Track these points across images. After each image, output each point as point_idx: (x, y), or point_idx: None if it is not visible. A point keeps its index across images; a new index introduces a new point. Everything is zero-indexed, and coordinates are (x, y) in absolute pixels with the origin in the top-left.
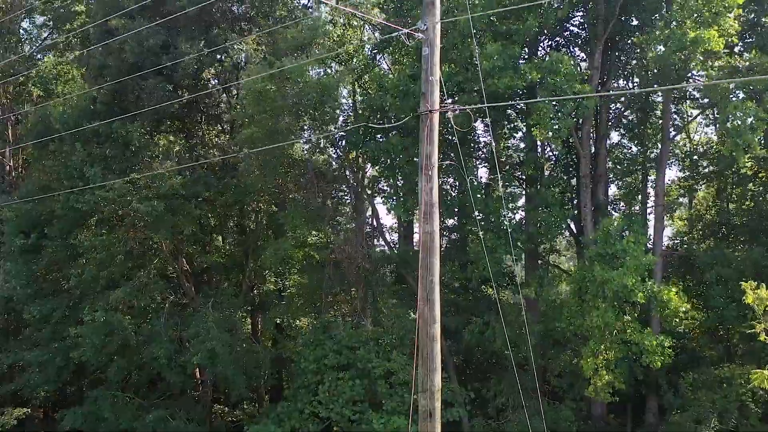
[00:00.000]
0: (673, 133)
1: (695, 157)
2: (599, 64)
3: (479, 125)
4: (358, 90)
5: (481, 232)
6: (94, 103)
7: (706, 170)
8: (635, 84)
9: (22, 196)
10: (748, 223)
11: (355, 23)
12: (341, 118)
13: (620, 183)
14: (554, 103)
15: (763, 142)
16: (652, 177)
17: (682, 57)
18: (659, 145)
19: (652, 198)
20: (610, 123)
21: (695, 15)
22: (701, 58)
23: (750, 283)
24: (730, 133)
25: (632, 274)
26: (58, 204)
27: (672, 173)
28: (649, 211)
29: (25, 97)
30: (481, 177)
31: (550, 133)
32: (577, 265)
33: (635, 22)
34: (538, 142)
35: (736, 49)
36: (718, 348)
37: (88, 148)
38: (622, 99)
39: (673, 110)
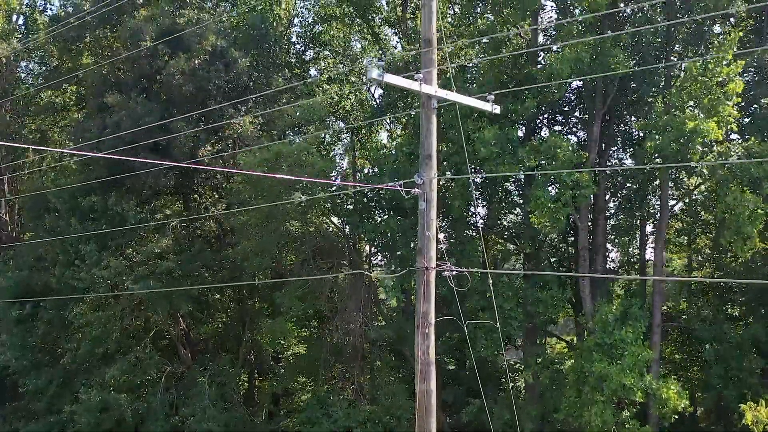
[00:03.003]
0: (672, 202)
1: (696, 208)
2: (597, 137)
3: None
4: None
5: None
6: (87, 169)
7: (705, 218)
8: (633, 156)
9: (18, 265)
10: (747, 292)
11: (353, 79)
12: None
13: (619, 249)
14: (552, 190)
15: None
16: (650, 227)
17: (681, 142)
18: (659, 192)
19: (651, 242)
20: (608, 195)
21: (694, 100)
22: (700, 148)
23: (749, 404)
24: (729, 227)
25: (631, 371)
26: (53, 278)
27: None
28: (648, 251)
29: (20, 150)
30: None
31: (548, 223)
32: (576, 346)
33: (635, 88)
34: None
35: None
36: (718, 429)
37: (83, 223)
38: (620, 170)
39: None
